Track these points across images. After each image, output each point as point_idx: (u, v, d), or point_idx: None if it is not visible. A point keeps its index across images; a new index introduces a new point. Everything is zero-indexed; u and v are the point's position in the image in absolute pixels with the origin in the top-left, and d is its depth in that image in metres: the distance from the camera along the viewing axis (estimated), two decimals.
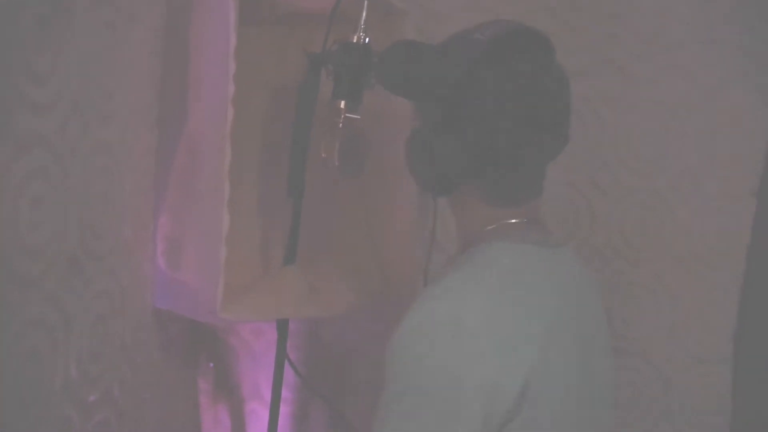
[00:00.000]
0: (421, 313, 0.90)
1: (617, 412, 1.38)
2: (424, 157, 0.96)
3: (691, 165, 1.37)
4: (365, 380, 1.40)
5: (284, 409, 1.31)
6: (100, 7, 0.95)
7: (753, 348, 1.40)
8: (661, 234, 1.38)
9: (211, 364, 1.36)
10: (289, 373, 1.24)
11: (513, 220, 0.98)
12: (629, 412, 1.40)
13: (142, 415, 1.14)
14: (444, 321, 0.88)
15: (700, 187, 1.37)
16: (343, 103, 1.10)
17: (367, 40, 1.09)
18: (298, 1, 1.17)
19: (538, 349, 0.89)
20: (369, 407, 1.38)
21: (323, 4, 1.12)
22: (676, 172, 1.37)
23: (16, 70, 0.82)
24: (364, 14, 1.08)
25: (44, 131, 0.87)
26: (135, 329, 1.13)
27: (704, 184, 1.37)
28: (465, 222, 1.00)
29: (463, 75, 0.93)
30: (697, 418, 1.39)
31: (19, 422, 0.87)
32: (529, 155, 0.96)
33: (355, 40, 1.09)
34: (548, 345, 0.91)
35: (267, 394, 1.37)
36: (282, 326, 1.22)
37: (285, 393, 1.28)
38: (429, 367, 0.86)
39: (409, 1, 1.26)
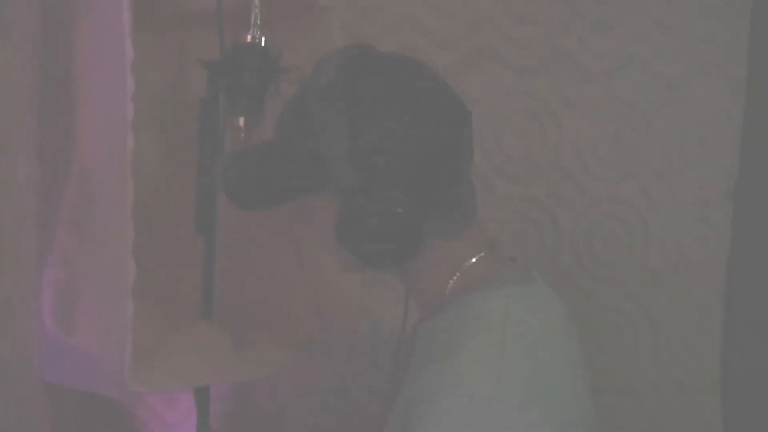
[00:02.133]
0: (454, 399, 0.89)
1: None
2: (371, 227, 0.94)
3: (660, 168, 1.40)
4: None
5: None
6: None
7: (741, 371, 1.43)
8: (634, 248, 1.40)
9: None
10: None
11: (478, 256, 0.98)
12: None
13: None
14: (487, 402, 0.88)
15: (672, 193, 1.40)
16: (242, 120, 1.07)
17: (263, 39, 1.06)
18: None
19: (580, 402, 0.95)
20: None
21: (236, 2, 1.08)
22: (646, 177, 1.40)
23: None
24: (255, 9, 1.06)
25: None
26: (19, 409, 1.05)
27: (676, 189, 1.41)
28: (425, 274, 0.99)
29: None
30: None
31: None
32: (459, 163, 0.97)
33: (248, 40, 1.06)
34: (583, 393, 0.96)
35: None
36: (201, 396, 1.16)
37: None
38: None
39: None
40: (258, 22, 1.05)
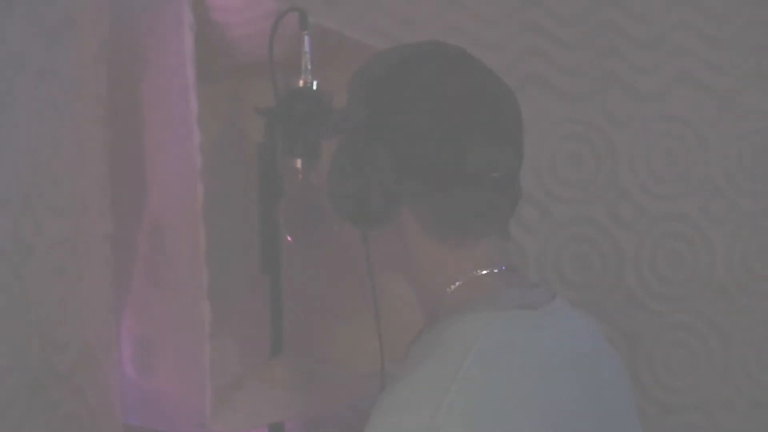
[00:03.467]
0: (387, 425, 0.85)
1: None
2: (346, 176, 0.99)
3: (719, 182, 1.46)
4: None
5: None
6: (42, 83, 0.98)
7: None
8: (698, 264, 1.47)
9: None
10: None
11: (483, 272, 0.94)
12: None
13: None
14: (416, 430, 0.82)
15: (732, 206, 1.47)
16: (299, 162, 1.14)
17: (315, 83, 1.14)
18: (257, 49, 1.20)
19: None
20: None
21: (286, 49, 1.16)
22: (705, 192, 1.47)
23: None
24: (306, 55, 1.13)
25: None
26: None
27: (736, 202, 1.47)
28: (424, 279, 0.98)
29: (391, 79, 0.99)
30: None
31: None
32: (474, 166, 0.94)
33: (301, 85, 1.14)
34: None
35: None
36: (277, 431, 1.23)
37: None
38: None
39: (367, 29, 1.32)
40: (309, 67, 1.14)
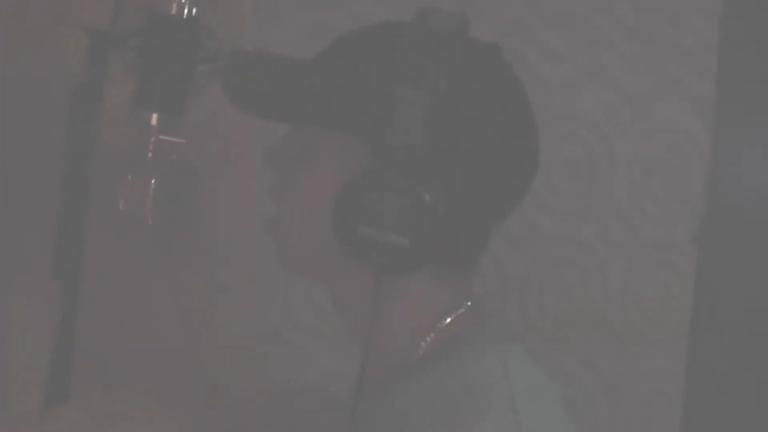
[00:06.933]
0: None
1: None
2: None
3: (621, 203, 1.47)
4: None
5: None
6: None
7: None
8: (590, 300, 1.47)
9: None
10: None
11: (461, 310, 1.01)
12: None
13: None
14: None
15: (632, 234, 1.48)
16: (155, 118, 1.03)
17: (193, 11, 1.03)
18: None
19: None
20: None
21: None
22: (605, 213, 1.47)
23: None
24: None
25: None
26: None
27: (637, 229, 1.49)
28: (400, 319, 1.00)
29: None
30: None
31: None
32: (511, 205, 1.06)
33: (174, 11, 1.03)
34: None
35: None
36: None
37: None
38: None
39: None
40: None
